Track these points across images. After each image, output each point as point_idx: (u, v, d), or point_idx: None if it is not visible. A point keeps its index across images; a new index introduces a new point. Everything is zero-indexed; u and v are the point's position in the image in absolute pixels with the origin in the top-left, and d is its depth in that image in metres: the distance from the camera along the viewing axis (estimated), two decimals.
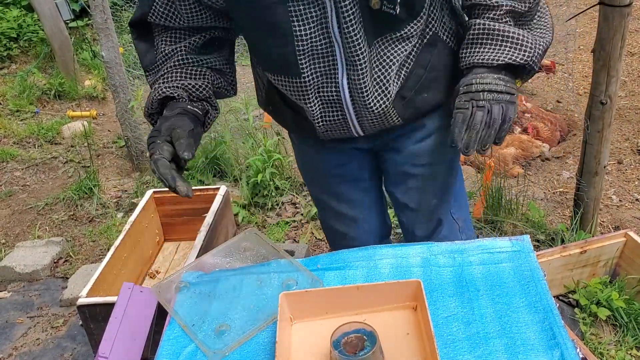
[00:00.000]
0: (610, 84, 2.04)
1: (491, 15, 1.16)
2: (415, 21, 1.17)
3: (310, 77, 1.20)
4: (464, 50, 1.20)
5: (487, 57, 1.15)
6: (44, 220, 3.17)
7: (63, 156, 3.83)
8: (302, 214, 2.90)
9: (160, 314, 1.60)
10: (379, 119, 1.27)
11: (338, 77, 1.19)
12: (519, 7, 1.15)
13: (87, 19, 5.31)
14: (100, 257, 2.79)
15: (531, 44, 1.15)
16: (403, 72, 1.24)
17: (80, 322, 2.20)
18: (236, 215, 2.87)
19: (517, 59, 1.14)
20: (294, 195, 3.03)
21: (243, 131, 3.38)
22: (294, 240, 2.75)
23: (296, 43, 1.13)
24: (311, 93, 1.22)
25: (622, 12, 1.91)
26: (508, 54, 1.14)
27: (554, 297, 2.13)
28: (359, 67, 1.17)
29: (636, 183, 2.83)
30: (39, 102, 4.59)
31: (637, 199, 2.71)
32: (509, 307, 1.06)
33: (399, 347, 1.00)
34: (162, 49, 1.27)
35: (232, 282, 1.23)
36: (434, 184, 1.47)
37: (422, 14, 1.17)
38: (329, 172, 1.50)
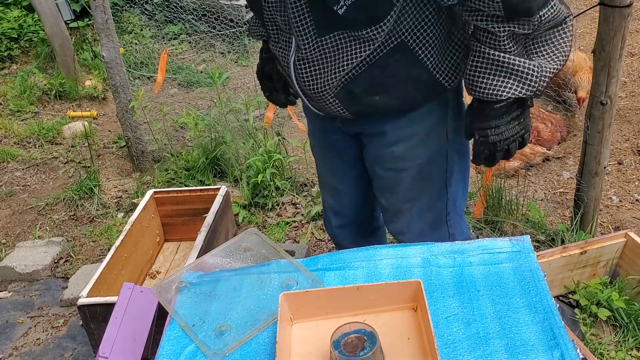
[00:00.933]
0: (610, 85, 2.03)
1: (493, 42, 1.13)
2: (377, 26, 1.15)
3: (275, 48, 1.35)
4: (470, 78, 1.19)
5: (493, 92, 1.16)
6: (45, 220, 3.17)
7: (63, 156, 3.83)
8: (302, 214, 2.90)
9: (161, 314, 1.60)
10: (321, 103, 1.35)
11: (290, 56, 1.29)
12: (520, 30, 1.10)
13: (87, 19, 5.31)
14: (101, 257, 2.79)
15: (537, 72, 1.13)
16: (356, 69, 1.25)
17: (81, 322, 2.20)
18: (236, 215, 2.87)
19: (522, 92, 1.14)
20: (294, 196, 3.03)
21: (243, 131, 3.38)
22: (294, 240, 2.75)
23: (264, 13, 1.26)
24: (277, 63, 1.40)
25: (622, 13, 1.91)
26: (512, 88, 1.14)
27: (554, 297, 2.13)
28: (303, 52, 1.25)
29: (636, 184, 2.83)
30: (40, 102, 4.59)
31: (637, 200, 2.71)
32: (509, 307, 1.06)
33: (399, 347, 1.00)
34: None
35: (232, 283, 1.23)
36: (399, 192, 1.49)
37: (385, 20, 1.15)
38: (324, 138, 1.60)
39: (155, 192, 2.57)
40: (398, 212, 1.54)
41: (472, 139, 1.31)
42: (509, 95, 1.15)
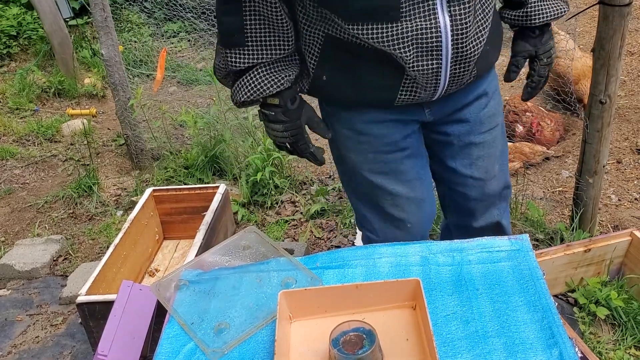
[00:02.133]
0: (609, 84, 2.03)
1: None
2: None
3: (409, 20, 1.12)
4: (538, 6, 1.32)
5: (557, 13, 1.33)
6: (44, 218, 3.17)
7: (63, 154, 3.83)
8: (301, 213, 2.90)
9: (160, 312, 1.60)
10: (467, 69, 1.23)
11: (439, 20, 1.13)
12: None
13: (86, 17, 5.30)
14: (100, 255, 2.79)
15: None
16: (490, 19, 1.25)
17: (80, 320, 2.20)
18: (235, 213, 2.87)
19: (567, 9, 1.35)
20: (293, 194, 3.03)
21: (243, 130, 3.38)
22: (293, 238, 2.75)
23: None
24: (408, 39, 1.14)
25: (621, 12, 1.91)
26: (564, 7, 1.34)
27: (557, 295, 2.13)
28: (466, 6, 1.14)
29: (635, 182, 2.83)
30: (39, 100, 4.59)
31: (636, 199, 2.71)
32: (508, 306, 1.06)
33: (398, 345, 1.00)
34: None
35: (231, 281, 1.23)
36: (494, 149, 1.47)
37: None
38: (391, 147, 1.39)
39: (154, 190, 2.57)
40: (492, 179, 1.50)
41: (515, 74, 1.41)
42: (564, 13, 1.34)
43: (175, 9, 5.37)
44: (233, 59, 1.24)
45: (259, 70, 1.25)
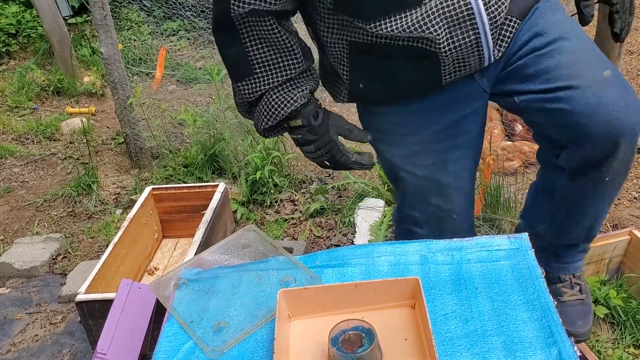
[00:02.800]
0: None
1: None
2: None
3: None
4: None
5: None
6: (43, 216, 3.17)
7: (62, 152, 3.83)
8: (300, 212, 2.90)
9: (159, 311, 1.60)
10: (510, 27, 1.15)
11: None
12: None
13: (86, 15, 5.30)
14: (99, 253, 2.79)
15: None
16: None
17: (79, 319, 2.20)
18: (235, 212, 2.87)
19: None
20: (292, 193, 3.03)
21: (242, 128, 3.38)
22: (293, 237, 2.75)
23: None
24: (436, 17, 1.08)
25: None
26: None
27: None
28: None
29: (634, 182, 2.83)
30: (38, 99, 4.58)
31: (635, 198, 2.72)
32: (507, 304, 1.06)
33: (397, 344, 1.00)
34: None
35: (230, 279, 1.23)
36: (579, 51, 1.18)
37: None
38: (439, 136, 1.31)
39: (153, 189, 2.57)
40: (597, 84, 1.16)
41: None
42: None
43: (175, 8, 5.37)
44: (245, 90, 1.23)
45: (271, 94, 1.22)
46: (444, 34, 1.10)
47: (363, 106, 1.38)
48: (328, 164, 1.31)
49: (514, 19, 1.16)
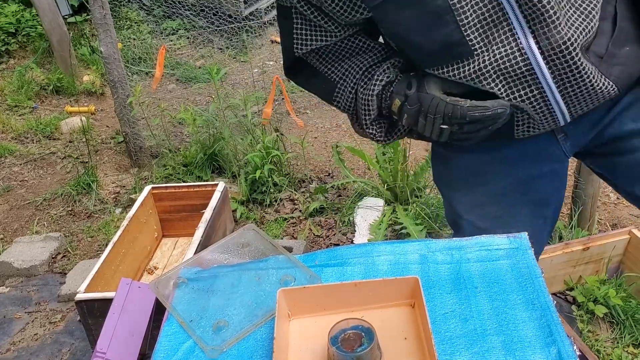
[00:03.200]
0: None
1: None
2: None
3: (485, 51, 0.99)
4: None
5: None
6: (42, 215, 3.17)
7: (61, 152, 3.82)
8: (300, 211, 2.90)
9: (158, 310, 1.60)
10: (588, 83, 1.00)
11: (520, 41, 0.98)
12: None
13: (85, 14, 5.30)
14: (99, 252, 2.79)
15: None
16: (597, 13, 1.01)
17: (78, 318, 2.20)
18: (234, 211, 2.87)
19: None
20: (292, 192, 3.02)
21: (242, 127, 3.38)
22: (292, 236, 2.75)
23: (458, 18, 0.96)
24: (491, 71, 1.00)
25: None
26: None
27: (555, 293, 2.14)
28: (546, 18, 0.95)
29: None
30: (37, 98, 4.58)
31: None
32: (506, 304, 1.06)
33: (397, 343, 1.00)
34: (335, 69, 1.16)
35: (230, 279, 1.23)
36: None
37: None
38: (509, 188, 1.22)
39: (153, 188, 2.57)
40: None
41: None
42: None
43: (174, 7, 5.37)
44: (341, 104, 1.19)
45: (359, 91, 1.16)
46: (503, 88, 1.01)
47: (436, 148, 1.30)
48: (448, 126, 1.05)
49: (608, 83, 1.02)
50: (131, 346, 1.51)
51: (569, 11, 0.98)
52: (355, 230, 2.64)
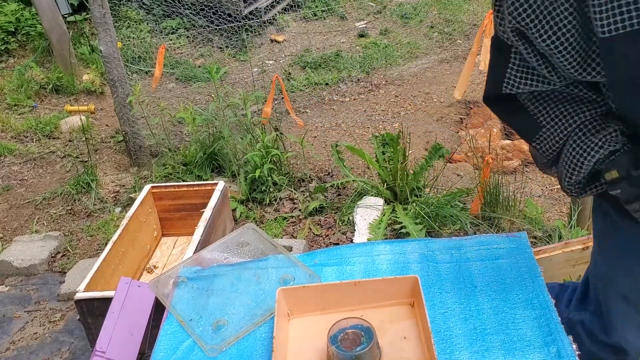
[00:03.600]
0: None
1: None
2: None
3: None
4: None
5: None
6: (42, 214, 3.16)
7: (61, 151, 3.82)
8: (300, 210, 2.90)
9: (158, 309, 1.60)
10: None
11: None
12: None
13: (85, 13, 5.29)
14: (98, 251, 2.79)
15: None
16: None
17: (78, 317, 2.20)
18: (234, 210, 2.87)
19: None
20: (292, 191, 3.02)
21: (241, 127, 3.37)
22: (292, 236, 2.75)
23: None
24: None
25: None
26: None
27: None
28: None
29: None
30: (37, 97, 4.58)
31: None
32: (506, 303, 1.06)
33: (396, 343, 1.00)
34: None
35: (229, 278, 1.23)
36: None
37: None
38: None
39: (152, 187, 2.56)
40: None
41: None
42: None
43: (174, 6, 5.36)
44: (542, 148, 1.05)
45: (570, 143, 1.00)
46: None
47: (613, 217, 1.11)
48: None
49: None
50: (131, 345, 1.51)
51: None
52: (354, 230, 2.64)
